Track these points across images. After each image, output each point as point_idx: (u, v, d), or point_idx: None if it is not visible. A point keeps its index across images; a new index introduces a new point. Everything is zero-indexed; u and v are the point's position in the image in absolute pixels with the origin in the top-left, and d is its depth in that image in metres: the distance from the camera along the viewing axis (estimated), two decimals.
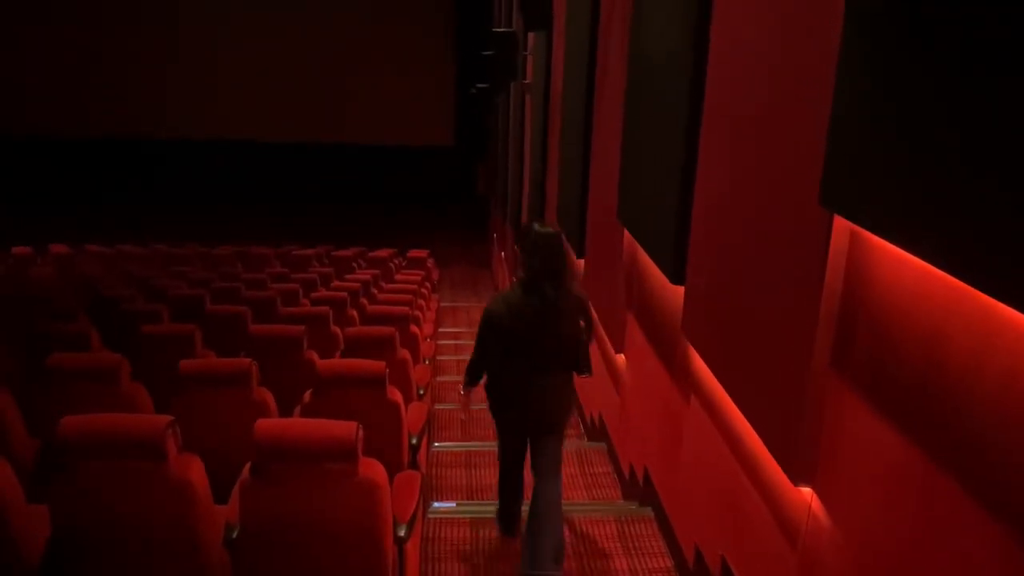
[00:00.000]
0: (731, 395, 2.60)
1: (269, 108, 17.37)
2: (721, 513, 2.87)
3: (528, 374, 3.32)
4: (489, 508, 3.91)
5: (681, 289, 3.22)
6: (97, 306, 5.77)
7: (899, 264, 1.72)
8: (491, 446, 4.99)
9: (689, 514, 3.33)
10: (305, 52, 17.32)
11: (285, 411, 3.64)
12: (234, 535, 2.52)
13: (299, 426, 2.53)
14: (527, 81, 8.74)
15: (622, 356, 4.51)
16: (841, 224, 1.93)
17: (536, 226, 3.35)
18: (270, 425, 2.47)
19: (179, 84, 17.14)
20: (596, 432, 5.25)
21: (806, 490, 2.16)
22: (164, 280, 7.30)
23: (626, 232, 4.19)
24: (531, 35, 8.34)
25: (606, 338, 4.79)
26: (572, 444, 5.20)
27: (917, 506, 1.64)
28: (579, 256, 5.40)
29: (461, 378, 6.70)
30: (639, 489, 4.11)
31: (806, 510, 2.17)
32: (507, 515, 3.69)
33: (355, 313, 6.43)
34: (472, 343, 3.28)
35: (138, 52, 16.96)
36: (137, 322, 4.67)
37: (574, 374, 3.46)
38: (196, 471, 2.47)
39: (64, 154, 17.11)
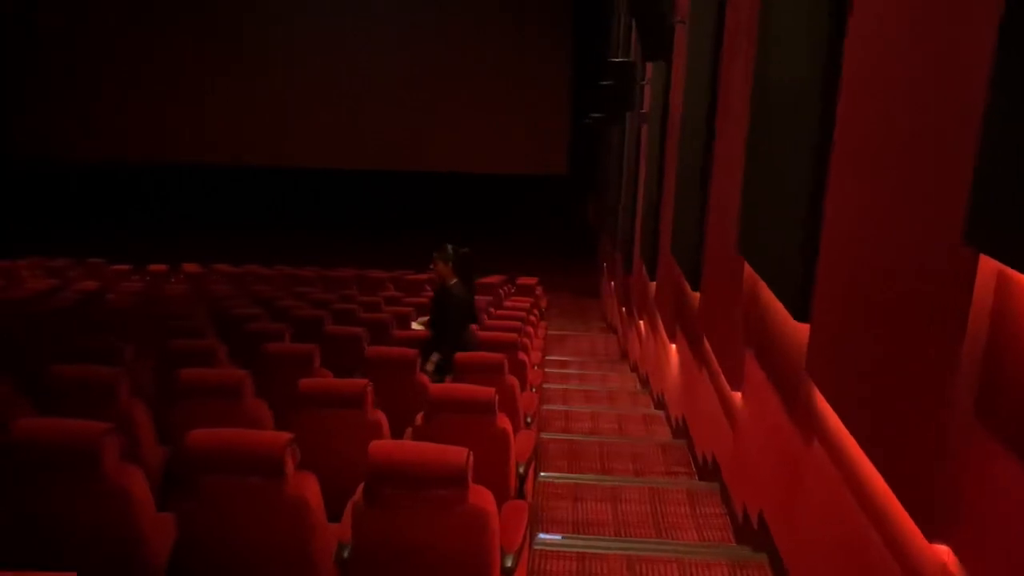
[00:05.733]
0: (859, 440, 2.46)
1: (384, 136, 17.93)
2: (843, 566, 2.70)
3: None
4: (597, 544, 3.83)
5: (806, 326, 3.08)
6: (224, 324, 6.05)
7: None
8: (600, 479, 4.91)
9: (808, 565, 3.16)
10: (420, 80, 17.80)
11: (396, 432, 3.69)
12: (345, 554, 2.56)
13: (412, 449, 2.55)
14: (644, 111, 8.69)
15: (738, 394, 4.36)
16: (988, 263, 1.79)
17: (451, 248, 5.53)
18: (384, 447, 2.50)
19: (299, 112, 17.90)
20: (708, 471, 5.08)
21: (942, 548, 2.00)
22: (287, 300, 7.60)
23: (746, 265, 4.07)
24: (649, 65, 8.29)
25: (721, 374, 4.65)
26: (683, 483, 5.05)
27: None
28: (694, 289, 5.28)
29: (568, 408, 6.74)
30: (753, 533, 3.93)
31: (941, 569, 2.01)
32: None
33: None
34: (581, 372, 3.33)
35: (255, 79, 17.83)
36: (261, 340, 4.86)
37: None
38: (312, 489, 2.52)
39: (180, 179, 18.12)
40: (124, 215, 17.53)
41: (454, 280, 5.56)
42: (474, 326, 5.95)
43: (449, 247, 5.63)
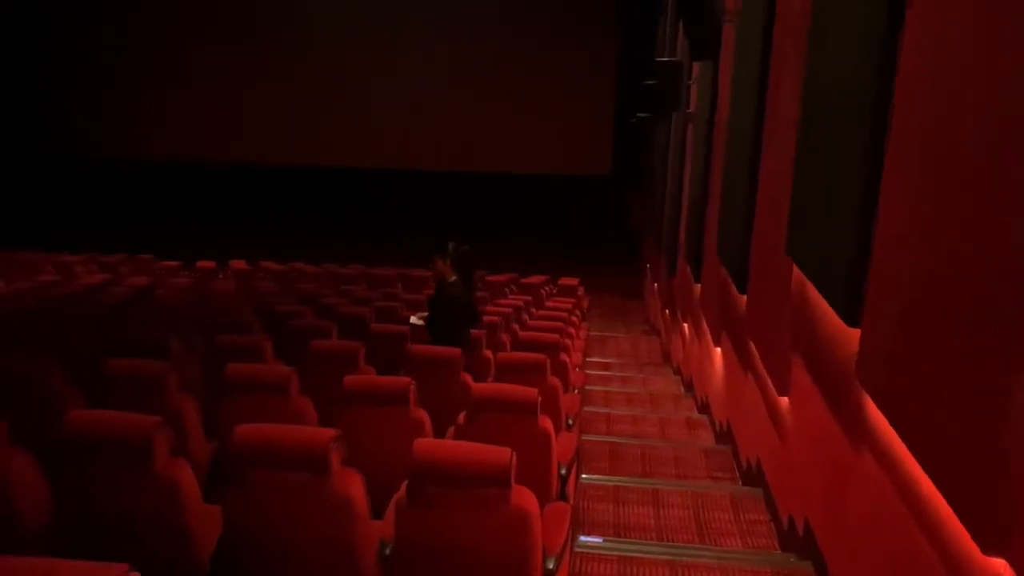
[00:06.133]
0: (911, 448, 2.39)
1: (427, 136, 18.01)
2: None
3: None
4: (639, 548, 3.80)
5: (856, 331, 3.01)
6: (270, 320, 6.14)
7: None
8: (642, 483, 4.87)
9: (854, 574, 3.09)
10: (463, 80, 17.85)
11: (438, 431, 3.70)
12: (387, 551, 2.57)
13: (455, 448, 2.55)
14: (690, 111, 8.60)
15: (785, 399, 4.28)
16: None
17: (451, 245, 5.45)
18: (428, 445, 2.50)
19: (346, 111, 18.07)
20: (752, 477, 5.01)
21: (997, 561, 1.94)
22: (332, 298, 7.68)
23: (794, 268, 3.99)
24: (696, 64, 8.20)
25: (767, 378, 4.57)
26: (726, 488, 4.99)
27: None
28: (740, 291, 5.20)
29: (610, 410, 6.70)
30: (798, 541, 3.86)
31: None
32: None
33: (506, 338, 6.50)
34: (623, 374, 3.29)
35: (303, 80, 18.04)
36: (306, 337, 4.91)
37: None
38: (356, 486, 2.54)
39: (228, 178, 18.41)
40: (173, 212, 17.89)
41: (453, 278, 5.52)
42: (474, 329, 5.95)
43: (449, 244, 5.59)
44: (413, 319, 5.88)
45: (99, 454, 2.56)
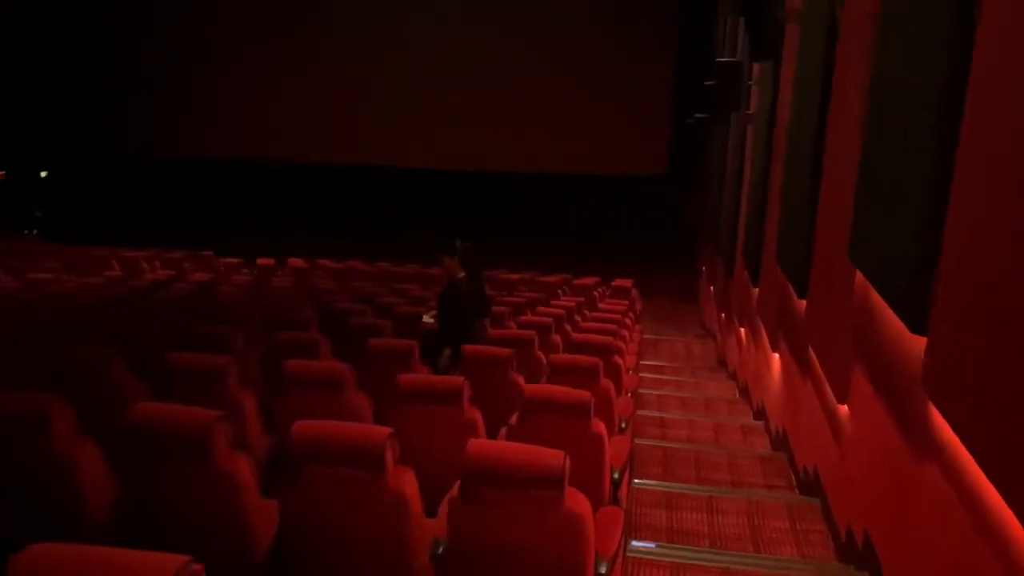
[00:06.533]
0: (979, 461, 2.31)
1: (482, 136, 18.06)
2: None
3: None
4: (692, 554, 3.75)
5: (922, 339, 2.92)
6: (327, 317, 6.23)
7: None
8: (695, 489, 4.80)
9: None
10: (518, 80, 17.84)
11: (489, 431, 3.71)
12: (440, 550, 2.58)
13: (508, 450, 2.55)
14: (749, 111, 8.46)
15: (845, 407, 4.18)
16: None
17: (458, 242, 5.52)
18: (481, 446, 2.51)
19: (403, 111, 18.23)
20: (809, 486, 4.90)
21: None
22: (388, 297, 7.76)
23: (857, 273, 3.90)
24: (756, 64, 8.07)
25: (827, 385, 4.47)
26: (782, 496, 4.89)
27: None
28: (800, 296, 5.10)
29: (663, 414, 6.63)
30: (857, 553, 3.76)
31: None
32: None
33: (559, 339, 6.48)
34: (677, 378, 3.24)
35: (369, 82, 18.25)
36: (362, 335, 4.97)
37: None
38: (410, 484, 2.55)
39: (287, 176, 18.71)
40: (235, 210, 18.29)
41: (461, 274, 5.56)
42: (486, 322, 6.04)
43: (457, 242, 5.63)
44: (425, 317, 5.97)
45: (161, 446, 2.63)
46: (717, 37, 13.10)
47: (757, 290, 7.30)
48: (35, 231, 16.09)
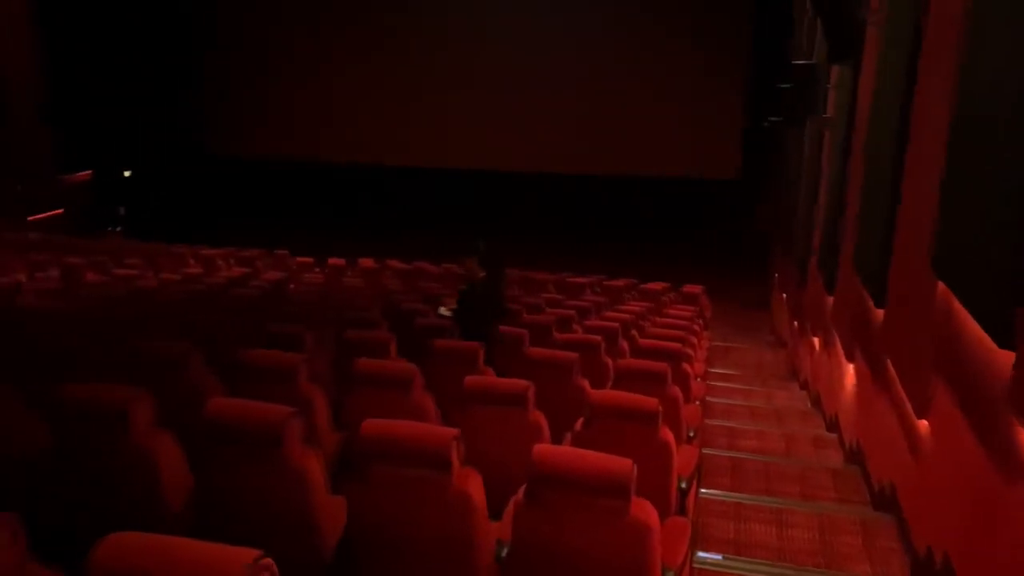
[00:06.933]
0: None
1: (550, 138, 18.02)
2: None
3: None
4: (760, 567, 3.66)
5: (1010, 354, 2.79)
6: (395, 317, 6.31)
7: None
8: (764, 500, 4.70)
9: None
10: (586, 81, 17.73)
11: (554, 435, 3.69)
12: (504, 553, 2.58)
13: (575, 456, 2.53)
14: (827, 115, 8.25)
15: (924, 422, 4.03)
16: None
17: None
18: (547, 451, 2.49)
19: (469, 114, 18.32)
20: (885, 502, 4.74)
21: None
22: (454, 298, 7.80)
23: (939, 283, 3.75)
24: (834, 67, 7.86)
25: (905, 399, 4.32)
26: (855, 511, 4.74)
27: None
28: (878, 305, 4.94)
29: (732, 423, 6.50)
30: (935, 573, 3.62)
31: None
32: None
33: (626, 345, 6.42)
34: (746, 387, 3.17)
35: (443, 83, 18.40)
36: (429, 336, 5.01)
37: None
38: (475, 486, 2.56)
39: (361, 178, 18.99)
40: (307, 210, 18.68)
41: (482, 274, 5.74)
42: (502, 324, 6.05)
43: (479, 243, 5.85)
44: (442, 310, 6.21)
45: (235, 441, 2.69)
46: (793, 39, 12.81)
47: (832, 298, 7.11)
48: (118, 228, 16.74)
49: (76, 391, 2.86)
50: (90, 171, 17.08)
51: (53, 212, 15.81)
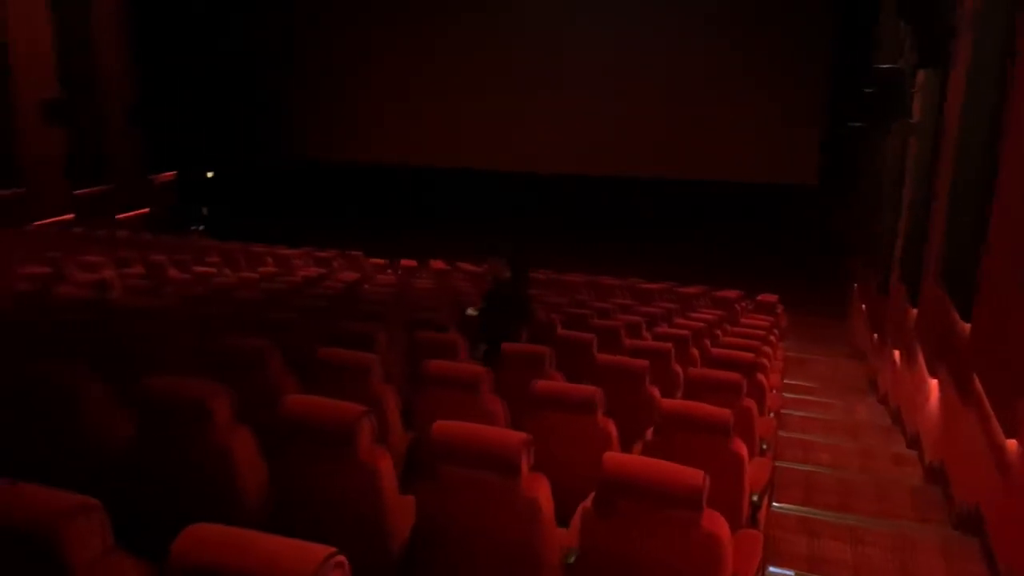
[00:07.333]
0: None
1: (624, 141, 17.86)
2: None
3: None
4: None
5: None
6: (465, 319, 6.35)
7: None
8: (839, 517, 4.57)
9: None
10: (663, 84, 17.51)
11: (623, 443, 3.65)
12: (571, 560, 2.56)
13: (645, 465, 2.50)
14: (912, 121, 7.97)
15: (1013, 441, 3.85)
16: None
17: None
18: (618, 460, 2.47)
19: (544, 117, 18.29)
20: (968, 524, 4.54)
21: None
22: None
23: None
24: (921, 72, 7.60)
25: (993, 417, 4.13)
26: (936, 532, 4.56)
27: None
28: (965, 319, 4.75)
29: (807, 437, 6.33)
30: None
31: None
32: None
33: (697, 353, 6.32)
34: (822, 400, 3.07)
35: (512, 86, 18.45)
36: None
37: None
38: (544, 491, 2.55)
39: (432, 180, 19.17)
40: (380, 212, 18.97)
41: (505, 276, 5.87)
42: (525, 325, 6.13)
43: (504, 245, 6.01)
44: (469, 310, 6.32)
45: (309, 438, 2.74)
46: (877, 42, 12.42)
47: (915, 310, 6.87)
48: (201, 228, 17.32)
49: (159, 385, 2.96)
50: (175, 172, 17.73)
51: (140, 211, 16.47)
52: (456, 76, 18.85)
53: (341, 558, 1.67)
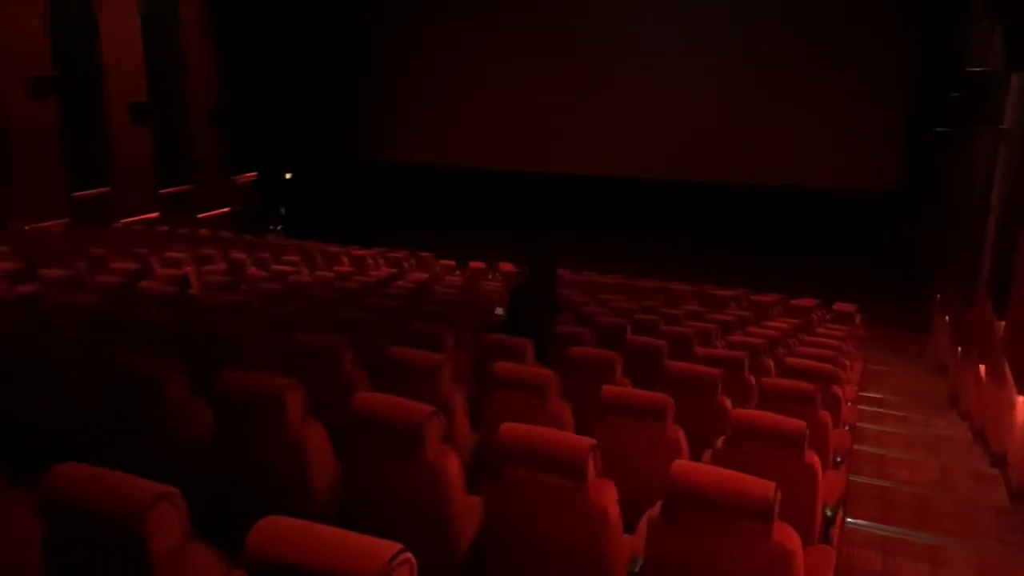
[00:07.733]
0: None
1: (697, 146, 17.61)
2: None
3: None
4: None
5: None
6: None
7: None
8: (917, 536, 4.41)
9: None
10: (737, 86, 17.18)
11: (692, 452, 3.60)
12: (637, 568, 2.53)
13: (715, 475, 2.46)
14: (1003, 127, 7.65)
15: None
16: None
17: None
18: (687, 468, 2.44)
19: (615, 121, 18.17)
20: None
21: None
22: (591, 306, 7.79)
23: None
24: (1013, 75, 7.28)
25: None
26: (1022, 555, 4.36)
27: None
28: None
29: (883, 451, 6.12)
30: None
31: None
32: None
33: (771, 363, 6.18)
34: (900, 413, 2.97)
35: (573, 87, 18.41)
36: (565, 343, 5.02)
37: None
38: (611, 497, 2.54)
39: (492, 183, 19.25)
40: (447, 214, 19.15)
41: (532, 278, 6.07)
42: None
43: (532, 246, 6.26)
44: (498, 310, 6.56)
45: (379, 435, 2.79)
46: (965, 44, 11.96)
47: (1003, 323, 6.58)
48: (279, 227, 17.80)
49: (237, 379, 3.05)
50: (255, 172, 18.26)
51: (221, 210, 17.02)
52: (518, 79, 18.89)
53: (408, 555, 1.69)
